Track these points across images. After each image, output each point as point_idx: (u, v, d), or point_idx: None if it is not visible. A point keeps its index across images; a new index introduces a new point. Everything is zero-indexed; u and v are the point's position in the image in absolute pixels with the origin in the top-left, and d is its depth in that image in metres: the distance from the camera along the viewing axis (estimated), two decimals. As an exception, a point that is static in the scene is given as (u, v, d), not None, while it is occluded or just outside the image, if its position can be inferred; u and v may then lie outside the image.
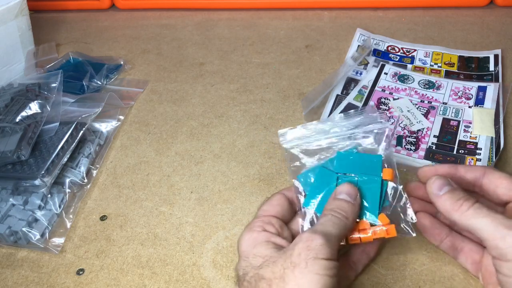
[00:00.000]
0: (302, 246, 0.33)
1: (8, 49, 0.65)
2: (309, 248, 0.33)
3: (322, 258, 0.32)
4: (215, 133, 0.58)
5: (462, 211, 0.34)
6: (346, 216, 0.36)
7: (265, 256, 0.35)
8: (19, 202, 0.48)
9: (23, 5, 0.65)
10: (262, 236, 0.37)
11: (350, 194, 0.38)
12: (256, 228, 0.38)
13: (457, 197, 0.35)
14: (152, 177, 0.53)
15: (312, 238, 0.33)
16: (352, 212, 0.37)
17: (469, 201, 0.34)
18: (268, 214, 0.39)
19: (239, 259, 0.37)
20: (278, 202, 0.40)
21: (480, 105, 0.57)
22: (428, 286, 0.41)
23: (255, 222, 0.38)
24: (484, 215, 0.33)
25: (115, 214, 0.49)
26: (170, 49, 0.74)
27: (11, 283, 0.44)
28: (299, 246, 0.33)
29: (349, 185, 0.38)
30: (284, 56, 0.70)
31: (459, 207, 0.34)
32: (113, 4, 0.85)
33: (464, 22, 0.75)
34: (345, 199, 0.37)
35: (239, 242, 0.38)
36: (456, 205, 0.34)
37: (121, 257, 0.45)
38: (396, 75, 0.63)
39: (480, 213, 0.33)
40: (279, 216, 0.39)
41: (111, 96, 0.61)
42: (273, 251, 0.35)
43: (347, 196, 0.37)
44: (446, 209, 0.35)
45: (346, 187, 0.38)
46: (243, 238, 0.38)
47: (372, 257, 0.41)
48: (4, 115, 0.53)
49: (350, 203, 0.37)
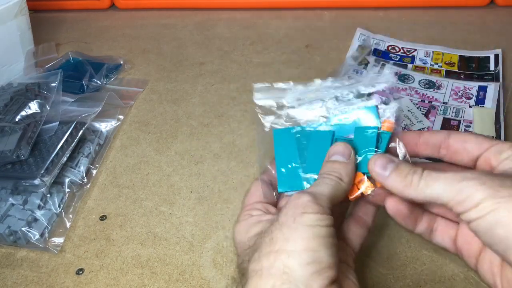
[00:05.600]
0: (289, 206, 0.32)
1: (8, 48, 0.65)
2: (296, 206, 0.31)
3: (311, 212, 0.31)
4: (215, 132, 0.58)
5: (414, 187, 0.31)
6: (340, 177, 0.34)
7: (259, 233, 0.33)
8: (19, 201, 0.48)
9: (23, 4, 0.65)
10: (251, 221, 0.36)
11: (344, 153, 0.35)
12: (242, 218, 0.37)
13: (405, 173, 0.32)
14: (152, 177, 0.53)
15: (298, 196, 0.32)
16: (346, 172, 0.34)
17: (417, 172, 0.32)
18: (250, 203, 0.38)
19: (238, 256, 0.35)
20: (256, 189, 0.38)
21: (481, 105, 0.57)
22: (429, 285, 0.41)
23: (240, 215, 0.37)
24: (435, 179, 0.30)
25: (115, 214, 0.49)
26: (170, 49, 0.74)
27: (11, 283, 0.44)
28: (286, 207, 0.32)
29: (342, 144, 0.36)
30: (284, 56, 0.70)
31: (410, 183, 0.31)
32: (113, 4, 0.85)
33: (465, 22, 0.75)
34: (337, 160, 0.35)
35: (233, 240, 0.37)
36: (407, 182, 0.32)
37: (120, 256, 0.45)
38: (397, 75, 0.63)
39: (431, 180, 0.31)
40: (261, 200, 0.38)
41: (111, 96, 0.61)
42: (265, 225, 0.33)
43: (339, 157, 0.35)
44: (398, 189, 0.32)
45: (338, 147, 0.36)
46: (235, 233, 0.36)
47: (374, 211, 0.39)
48: (3, 114, 0.53)
49: (343, 163, 0.35)
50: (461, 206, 0.29)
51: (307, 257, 0.29)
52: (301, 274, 0.29)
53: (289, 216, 0.31)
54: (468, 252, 0.34)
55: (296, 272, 0.29)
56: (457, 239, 0.35)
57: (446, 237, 0.36)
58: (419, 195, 0.31)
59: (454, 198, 0.29)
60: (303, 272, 0.29)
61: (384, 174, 0.33)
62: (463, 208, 0.29)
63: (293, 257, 0.29)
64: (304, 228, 0.30)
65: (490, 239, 0.28)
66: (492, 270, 0.31)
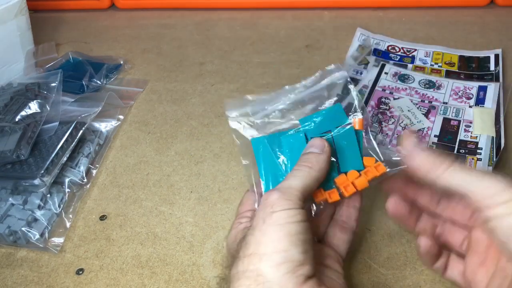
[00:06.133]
0: (260, 207, 0.32)
1: (8, 48, 0.65)
2: (266, 205, 0.32)
3: (280, 210, 0.31)
4: (215, 132, 0.58)
5: (444, 168, 0.31)
6: (310, 165, 0.34)
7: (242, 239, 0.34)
8: (19, 201, 0.48)
9: (23, 4, 0.65)
10: (239, 228, 0.36)
11: (318, 146, 0.36)
12: (233, 226, 0.37)
13: (435, 155, 0.32)
14: (152, 177, 0.53)
15: (267, 195, 0.32)
16: (317, 160, 0.35)
17: (449, 158, 0.32)
18: (242, 211, 0.39)
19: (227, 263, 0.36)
20: (247, 197, 0.39)
21: (481, 104, 0.57)
22: (429, 285, 0.41)
23: (232, 223, 0.38)
24: (467, 170, 0.31)
25: (115, 214, 0.49)
26: (170, 49, 0.74)
27: (11, 283, 0.44)
28: (258, 208, 0.32)
29: (316, 139, 0.36)
30: (284, 56, 0.70)
31: (440, 164, 0.32)
32: (113, 3, 0.85)
33: (465, 22, 0.75)
34: (311, 151, 0.36)
35: (226, 249, 0.37)
36: (437, 162, 0.32)
37: (120, 257, 0.45)
38: (397, 75, 0.63)
39: (463, 169, 0.31)
40: (253, 208, 0.38)
41: (111, 96, 0.61)
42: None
43: (313, 149, 0.36)
44: (425, 166, 0.32)
45: (313, 141, 0.36)
46: (227, 242, 0.37)
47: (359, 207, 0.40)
48: (3, 114, 0.53)
49: (316, 154, 0.35)
50: (489, 199, 0.29)
51: (278, 258, 0.30)
52: (274, 275, 0.29)
53: (260, 218, 0.31)
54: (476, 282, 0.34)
55: (269, 274, 0.29)
56: (466, 272, 0.35)
57: (456, 272, 0.36)
58: (445, 178, 0.31)
59: (483, 192, 0.29)
60: (276, 273, 0.29)
61: (416, 150, 0.33)
62: (491, 202, 0.29)
63: (264, 260, 0.30)
64: (273, 228, 0.30)
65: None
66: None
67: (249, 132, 0.40)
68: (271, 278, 0.29)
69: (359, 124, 0.38)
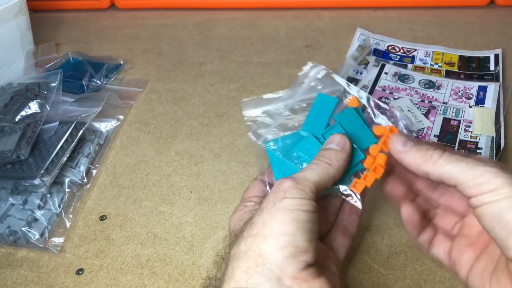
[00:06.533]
0: (271, 191, 0.32)
1: (8, 48, 0.65)
2: (278, 191, 0.31)
3: (292, 197, 0.31)
4: (215, 132, 0.58)
5: (434, 160, 0.32)
6: (329, 162, 0.34)
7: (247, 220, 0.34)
8: (19, 201, 0.48)
9: (23, 4, 0.65)
10: (244, 210, 0.36)
11: (338, 142, 0.36)
12: (238, 209, 0.37)
13: (425, 148, 0.33)
14: (151, 177, 0.53)
15: (281, 182, 0.32)
16: (336, 158, 0.35)
17: (438, 150, 0.32)
18: (248, 197, 0.39)
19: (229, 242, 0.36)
20: (254, 185, 0.39)
21: (481, 104, 0.57)
22: (429, 285, 0.41)
23: (237, 206, 0.38)
24: (456, 159, 0.31)
25: (115, 214, 0.49)
26: (170, 49, 0.74)
27: (11, 283, 0.44)
28: (269, 193, 0.32)
29: (337, 135, 0.36)
30: (284, 56, 0.70)
31: (430, 157, 0.32)
32: (113, 3, 0.85)
33: (465, 22, 0.75)
34: (331, 148, 0.35)
35: (228, 230, 0.37)
36: (427, 156, 0.32)
37: (120, 257, 0.45)
38: (397, 75, 0.63)
39: (452, 158, 0.32)
40: (258, 195, 0.39)
41: (111, 96, 0.61)
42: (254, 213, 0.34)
43: (334, 145, 0.36)
44: (416, 162, 0.33)
45: (335, 136, 0.36)
46: (230, 222, 0.37)
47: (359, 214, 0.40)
48: (3, 114, 0.53)
49: (336, 151, 0.35)
50: (477, 188, 0.30)
51: (282, 240, 0.30)
52: (276, 257, 0.29)
53: (270, 201, 0.31)
54: (461, 262, 0.35)
55: (271, 256, 0.29)
56: (452, 251, 0.36)
57: (441, 249, 0.37)
58: (437, 170, 0.32)
59: (472, 180, 0.30)
60: (278, 255, 0.29)
61: (404, 149, 0.34)
62: (478, 190, 0.30)
63: (268, 241, 0.30)
64: (282, 212, 0.30)
65: (497, 223, 0.29)
66: (483, 276, 0.32)
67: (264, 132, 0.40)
68: (272, 259, 0.29)
69: (354, 102, 0.39)
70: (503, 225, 0.28)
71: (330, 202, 0.40)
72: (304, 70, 0.42)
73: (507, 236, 0.28)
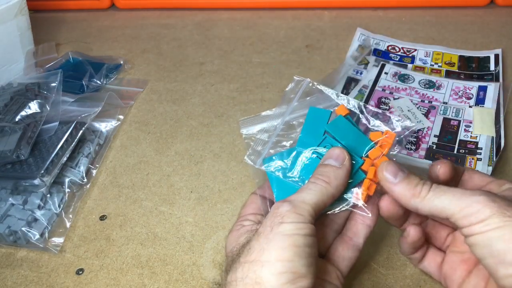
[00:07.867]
0: (268, 216, 0.32)
1: (8, 48, 0.65)
2: (275, 215, 0.31)
3: (289, 222, 0.31)
4: (215, 132, 0.58)
5: (422, 197, 0.32)
6: (328, 181, 0.34)
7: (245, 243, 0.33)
8: (19, 201, 0.48)
9: (23, 4, 0.65)
10: (241, 231, 0.36)
11: (337, 157, 0.35)
12: (235, 228, 0.37)
13: (415, 183, 0.33)
14: (151, 177, 0.53)
15: (278, 205, 0.32)
16: (335, 176, 0.34)
17: (426, 185, 0.32)
18: (245, 214, 0.38)
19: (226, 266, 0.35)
20: (251, 201, 0.39)
21: (481, 104, 0.57)
22: (429, 285, 0.41)
23: (234, 225, 0.38)
24: (444, 192, 0.31)
25: (115, 214, 0.49)
26: (170, 49, 0.74)
27: (11, 283, 0.44)
28: (266, 217, 0.32)
29: (337, 149, 0.35)
30: (284, 56, 0.70)
31: (419, 193, 0.32)
32: (113, 3, 0.85)
33: (465, 22, 0.75)
34: (329, 164, 0.35)
35: (225, 249, 0.37)
36: (416, 191, 0.32)
37: (120, 257, 0.45)
38: (397, 75, 0.63)
39: (440, 192, 0.31)
40: (256, 212, 0.38)
41: (111, 96, 0.61)
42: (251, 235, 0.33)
43: (332, 161, 0.35)
44: (405, 197, 0.33)
45: (332, 151, 0.36)
46: (227, 242, 0.37)
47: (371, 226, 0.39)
48: (3, 114, 0.53)
49: (334, 168, 0.34)
50: (467, 219, 0.30)
51: (280, 267, 0.29)
52: (273, 284, 0.29)
53: (267, 226, 0.31)
54: (452, 277, 0.35)
55: (268, 283, 0.29)
56: (443, 266, 0.36)
57: (432, 263, 0.37)
58: (425, 206, 0.32)
59: (461, 212, 0.30)
60: (275, 281, 0.29)
61: (393, 181, 0.33)
62: (468, 222, 0.30)
63: (266, 267, 0.29)
64: (280, 238, 0.30)
65: (488, 253, 0.29)
66: None
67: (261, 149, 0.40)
68: (269, 286, 0.29)
69: (342, 109, 0.39)
70: (493, 255, 0.28)
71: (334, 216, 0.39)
72: (290, 86, 0.42)
73: (497, 265, 0.28)
